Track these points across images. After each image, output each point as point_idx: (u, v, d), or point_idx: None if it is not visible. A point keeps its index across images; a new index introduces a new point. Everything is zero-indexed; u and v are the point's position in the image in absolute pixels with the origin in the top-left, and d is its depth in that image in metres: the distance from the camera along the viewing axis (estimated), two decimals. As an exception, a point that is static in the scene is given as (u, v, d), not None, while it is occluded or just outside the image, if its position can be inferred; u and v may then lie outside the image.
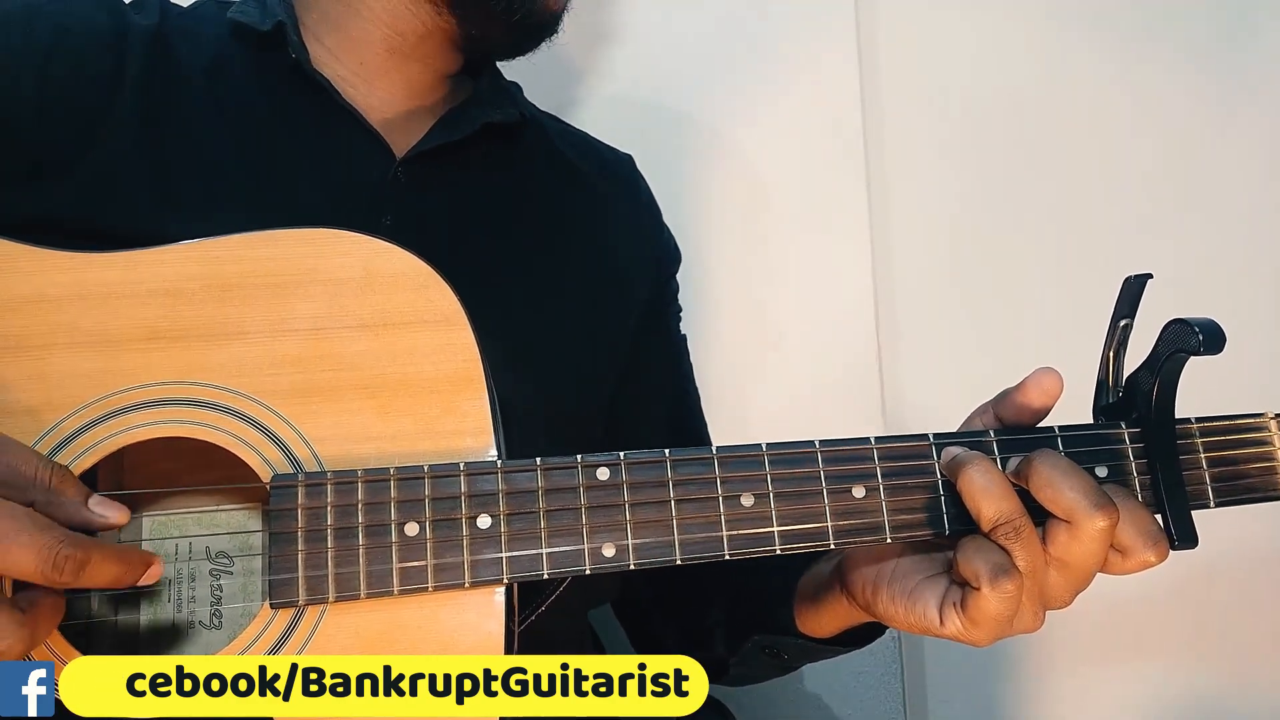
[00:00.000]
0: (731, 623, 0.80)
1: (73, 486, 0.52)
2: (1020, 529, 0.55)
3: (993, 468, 0.57)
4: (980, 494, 0.56)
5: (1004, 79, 1.23)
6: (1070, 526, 0.55)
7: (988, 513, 0.55)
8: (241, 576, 0.63)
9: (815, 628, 0.73)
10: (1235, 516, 0.67)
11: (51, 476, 0.51)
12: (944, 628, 0.59)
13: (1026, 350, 1.16)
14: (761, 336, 1.14)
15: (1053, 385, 0.60)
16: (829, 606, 0.70)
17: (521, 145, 0.84)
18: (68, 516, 0.51)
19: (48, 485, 0.51)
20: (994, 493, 0.55)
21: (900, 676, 1.09)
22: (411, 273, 0.60)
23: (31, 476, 0.50)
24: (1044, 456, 0.56)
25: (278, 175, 0.73)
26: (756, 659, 0.79)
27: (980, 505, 0.56)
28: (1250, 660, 1.19)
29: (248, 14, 0.76)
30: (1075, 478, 0.55)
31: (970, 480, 0.56)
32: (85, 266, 0.59)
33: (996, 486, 0.56)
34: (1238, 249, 1.22)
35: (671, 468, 0.57)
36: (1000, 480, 0.56)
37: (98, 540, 0.50)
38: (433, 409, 0.58)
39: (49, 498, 0.51)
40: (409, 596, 0.55)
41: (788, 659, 0.78)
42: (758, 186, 1.16)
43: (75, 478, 0.53)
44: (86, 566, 0.48)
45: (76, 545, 0.48)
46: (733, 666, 0.81)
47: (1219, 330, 0.57)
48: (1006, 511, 0.55)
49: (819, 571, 0.71)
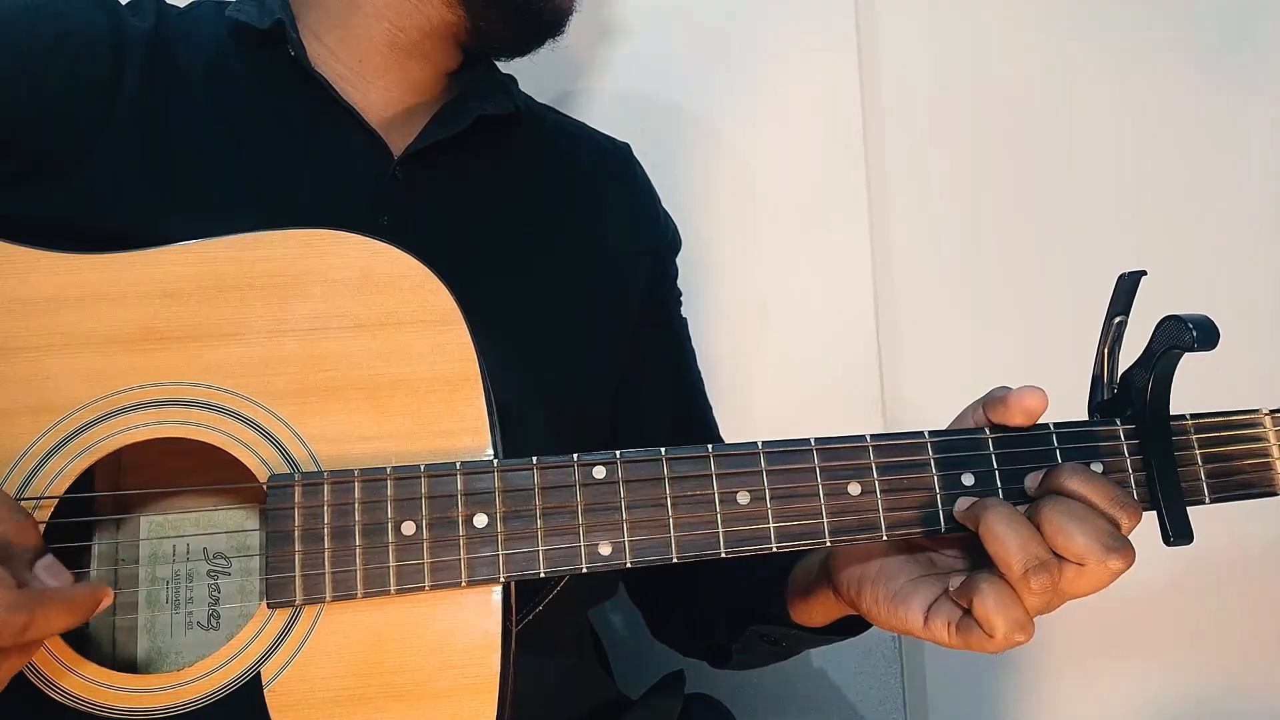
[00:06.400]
0: (729, 614, 0.81)
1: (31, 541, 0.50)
2: (1051, 570, 0.54)
3: (1013, 511, 0.55)
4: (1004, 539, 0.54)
5: (1004, 79, 1.23)
6: (1081, 568, 0.54)
7: (1019, 559, 0.54)
8: (239, 577, 0.63)
9: (807, 618, 0.74)
10: (1233, 513, 0.67)
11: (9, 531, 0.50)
12: (927, 631, 0.59)
13: (1025, 349, 1.16)
14: (761, 336, 1.14)
15: (1035, 405, 0.59)
16: (818, 600, 0.70)
17: (517, 138, 0.84)
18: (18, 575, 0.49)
19: (28, 564, 0.49)
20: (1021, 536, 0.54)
21: (900, 676, 1.09)
22: (408, 273, 0.60)
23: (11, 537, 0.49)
24: (1053, 505, 0.55)
25: (276, 176, 0.73)
26: (756, 646, 0.80)
27: (1007, 552, 0.54)
28: (1250, 660, 1.19)
29: (246, 12, 0.76)
30: (1087, 523, 0.54)
31: (992, 527, 0.55)
32: (83, 267, 0.59)
33: (1022, 530, 0.54)
34: (1232, 246, 1.22)
35: (668, 466, 0.57)
36: (1024, 523, 0.55)
37: (44, 595, 0.48)
38: (429, 409, 0.58)
39: (23, 576, 0.49)
40: (406, 596, 0.55)
41: (785, 646, 0.80)
42: (757, 185, 1.16)
43: (36, 533, 0.51)
44: (29, 629, 0.47)
45: (17, 609, 0.46)
46: (735, 654, 0.82)
47: (1213, 326, 0.57)
48: (1035, 554, 0.54)
49: (809, 564, 0.72)
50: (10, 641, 0.46)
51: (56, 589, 0.49)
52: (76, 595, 0.49)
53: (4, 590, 0.47)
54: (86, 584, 0.51)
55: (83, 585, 0.50)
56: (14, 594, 0.47)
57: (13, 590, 0.47)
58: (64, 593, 0.49)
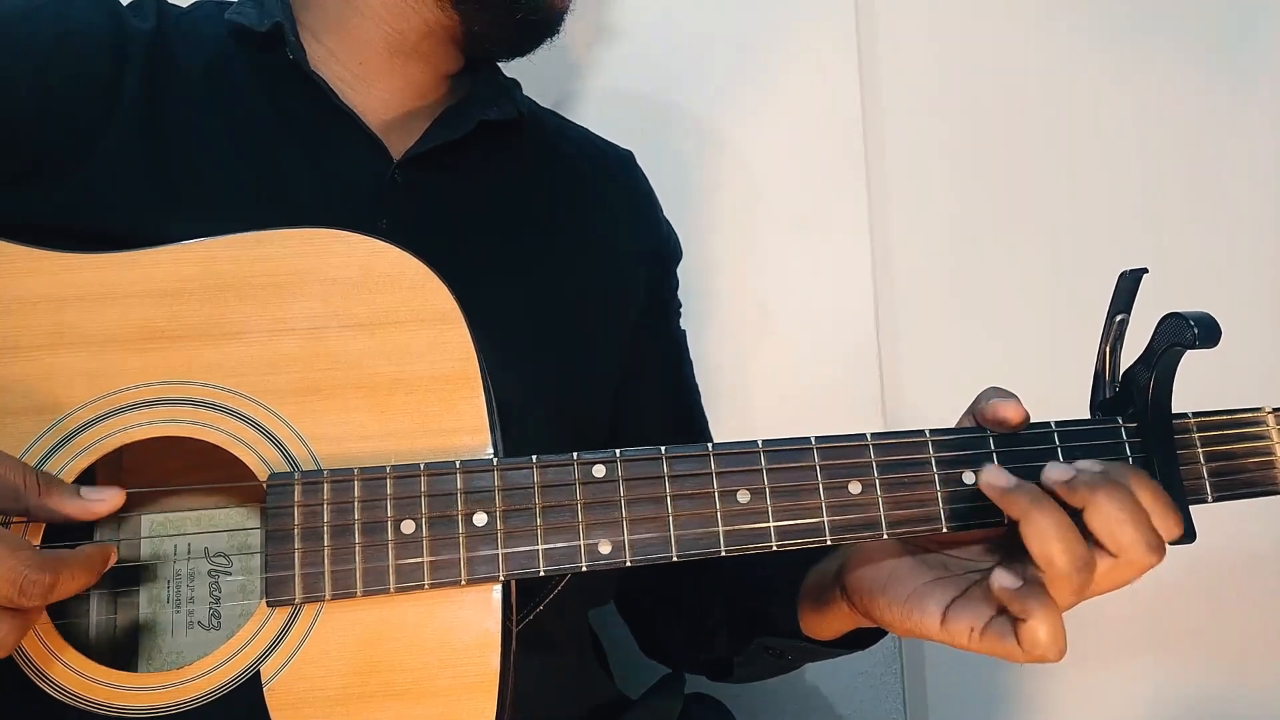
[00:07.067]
0: (732, 624, 0.80)
1: (61, 486, 0.53)
2: (1091, 567, 0.53)
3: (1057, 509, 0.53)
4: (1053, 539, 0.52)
5: (1004, 79, 1.23)
6: (1116, 561, 0.53)
7: (1064, 560, 0.52)
8: (240, 576, 0.63)
9: (818, 630, 0.72)
10: (1235, 512, 0.67)
11: (40, 481, 0.52)
12: (945, 633, 0.58)
13: (1025, 347, 1.16)
14: (761, 336, 1.14)
15: (1010, 415, 0.58)
16: (832, 611, 0.69)
17: (519, 143, 0.84)
18: (64, 509, 0.52)
19: (39, 491, 0.51)
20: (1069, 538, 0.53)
21: (900, 676, 1.09)
22: (408, 272, 0.60)
23: (21, 484, 0.51)
24: (1110, 493, 0.53)
25: (276, 176, 0.73)
26: (760, 659, 0.79)
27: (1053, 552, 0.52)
28: (1251, 660, 1.19)
29: (245, 15, 0.76)
30: (1139, 517, 0.53)
31: (1039, 526, 0.53)
32: (84, 267, 0.59)
33: (1069, 531, 0.53)
34: (1233, 244, 1.22)
35: (667, 464, 0.57)
36: (1069, 523, 0.53)
37: (66, 556, 0.50)
38: (429, 407, 0.58)
39: (43, 502, 0.52)
40: (405, 594, 0.55)
41: (791, 659, 0.78)
42: (757, 185, 1.16)
43: (60, 480, 0.54)
44: (55, 588, 0.48)
45: (43, 569, 0.48)
46: (737, 667, 0.81)
47: (1214, 324, 0.57)
48: (1080, 555, 0.53)
49: (822, 576, 0.71)
50: (39, 599, 0.48)
51: (74, 549, 0.51)
52: (91, 552, 0.51)
53: (28, 551, 0.48)
54: (95, 544, 0.54)
55: (93, 545, 0.53)
56: (38, 554, 0.48)
57: (35, 551, 0.49)
58: (81, 551, 0.51)
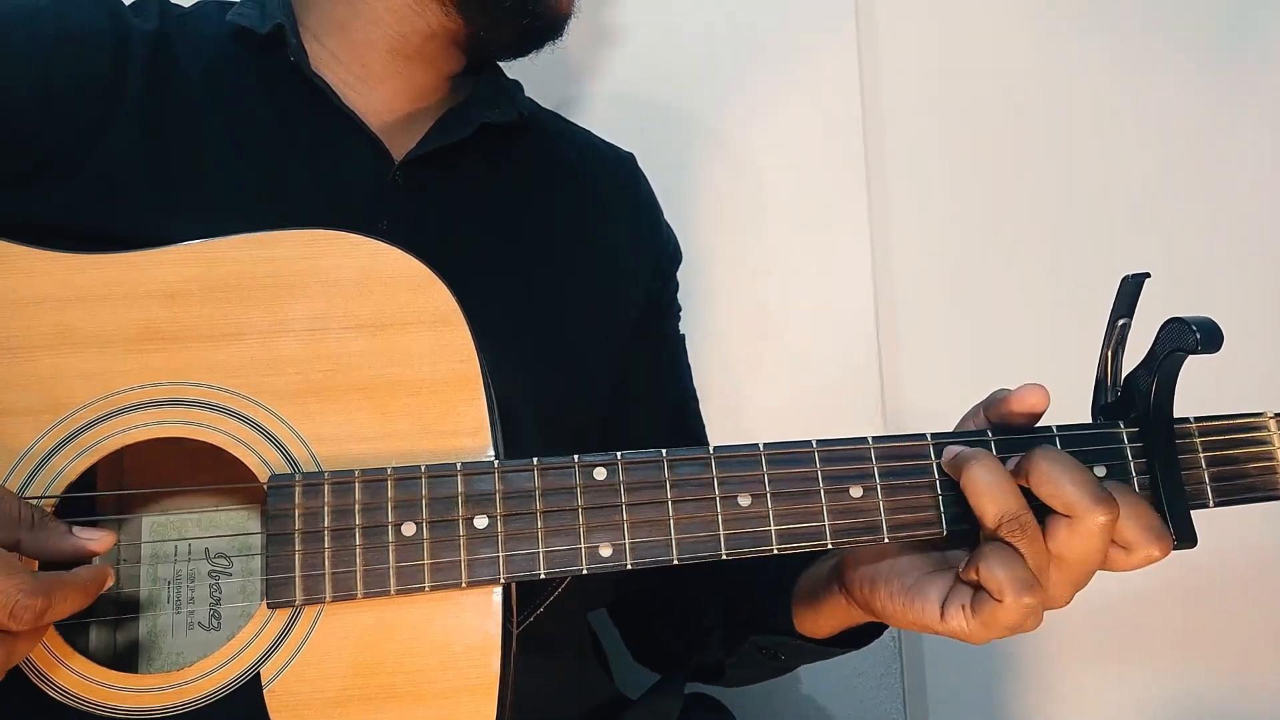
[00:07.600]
0: (728, 624, 0.80)
1: (54, 523, 0.53)
2: (1026, 525, 0.55)
3: (997, 464, 0.57)
4: (985, 491, 0.56)
5: (1004, 79, 1.23)
6: (1071, 522, 0.55)
7: (992, 509, 0.55)
8: (240, 577, 0.63)
9: (813, 628, 0.73)
10: (1235, 516, 0.67)
11: (34, 514, 0.52)
12: (945, 624, 0.59)
13: (1026, 350, 1.16)
14: (761, 336, 1.14)
15: (1038, 402, 0.59)
16: (828, 606, 0.70)
17: (520, 145, 0.84)
18: (57, 547, 0.52)
19: (32, 523, 0.52)
20: (1000, 489, 0.56)
21: (900, 676, 1.09)
22: (409, 273, 0.60)
23: (16, 515, 0.51)
24: (1044, 453, 0.56)
25: (277, 178, 0.73)
26: (753, 660, 0.79)
27: (984, 502, 0.56)
28: (1250, 660, 1.19)
29: (246, 16, 0.76)
30: (1076, 473, 0.55)
31: (974, 478, 0.56)
32: (84, 267, 0.59)
33: (1002, 482, 0.56)
34: (1236, 248, 1.22)
35: (669, 468, 0.57)
36: (1005, 476, 0.56)
37: (61, 579, 0.50)
38: (430, 409, 0.58)
39: (35, 534, 0.52)
40: (406, 596, 0.55)
41: (785, 660, 0.78)
42: (758, 186, 1.16)
43: (53, 517, 0.54)
44: (46, 612, 0.48)
45: (35, 593, 0.47)
46: (729, 668, 0.80)
47: (1216, 329, 0.57)
48: (1012, 508, 0.55)
49: (817, 572, 0.71)
50: (30, 624, 0.48)
51: (69, 572, 0.51)
52: (87, 576, 0.51)
53: (22, 575, 0.48)
54: (91, 566, 0.53)
55: (89, 567, 0.52)
56: (32, 579, 0.48)
57: (30, 575, 0.48)
58: (76, 575, 0.51)
